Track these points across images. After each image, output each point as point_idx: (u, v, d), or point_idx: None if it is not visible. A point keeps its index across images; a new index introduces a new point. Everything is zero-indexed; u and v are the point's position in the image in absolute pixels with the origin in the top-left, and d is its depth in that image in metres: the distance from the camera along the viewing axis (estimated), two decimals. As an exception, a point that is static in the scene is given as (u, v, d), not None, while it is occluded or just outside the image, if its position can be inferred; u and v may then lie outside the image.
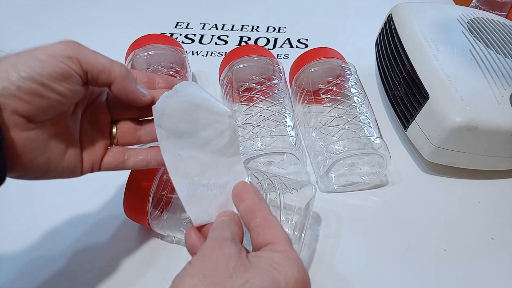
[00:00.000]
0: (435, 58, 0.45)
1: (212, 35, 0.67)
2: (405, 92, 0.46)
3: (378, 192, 0.44)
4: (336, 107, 0.45)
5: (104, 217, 0.40)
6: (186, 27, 0.68)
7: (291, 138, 0.41)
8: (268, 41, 0.66)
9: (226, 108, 0.28)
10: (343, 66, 0.47)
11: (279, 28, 0.69)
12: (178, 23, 0.69)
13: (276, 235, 0.25)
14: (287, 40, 0.66)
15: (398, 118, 0.48)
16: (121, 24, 0.68)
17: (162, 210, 0.36)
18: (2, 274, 0.36)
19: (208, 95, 0.28)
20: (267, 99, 0.45)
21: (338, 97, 0.46)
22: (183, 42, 0.65)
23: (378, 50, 0.56)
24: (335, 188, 0.43)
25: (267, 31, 0.68)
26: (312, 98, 0.46)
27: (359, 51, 0.56)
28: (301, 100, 0.47)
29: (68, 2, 0.74)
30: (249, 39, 0.67)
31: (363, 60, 0.54)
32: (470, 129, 0.39)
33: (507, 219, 0.42)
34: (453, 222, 0.41)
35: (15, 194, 0.42)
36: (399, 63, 0.48)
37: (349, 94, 0.46)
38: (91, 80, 0.26)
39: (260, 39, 0.67)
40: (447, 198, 0.44)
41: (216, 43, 0.65)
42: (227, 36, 0.67)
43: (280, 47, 0.65)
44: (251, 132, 0.42)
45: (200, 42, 0.65)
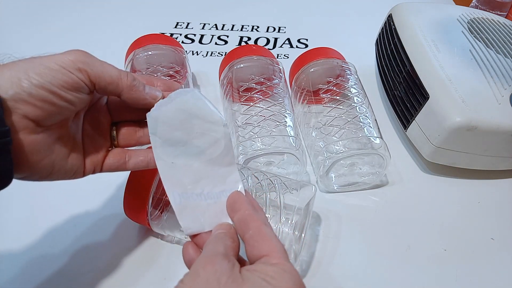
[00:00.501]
0: (435, 58, 0.45)
1: (212, 35, 0.67)
2: (405, 92, 0.46)
3: (378, 192, 0.44)
4: (336, 107, 0.45)
5: (104, 217, 0.40)
6: (186, 27, 0.68)
7: (291, 138, 0.41)
8: (268, 41, 0.66)
9: (222, 117, 0.28)
10: (343, 66, 0.47)
11: (279, 28, 0.69)
12: (178, 23, 0.69)
13: (270, 247, 0.25)
14: (287, 40, 0.66)
15: (398, 118, 0.48)
16: (121, 24, 0.68)
17: (162, 210, 0.36)
18: (2, 273, 0.36)
19: (204, 103, 0.28)
20: (267, 99, 0.45)
21: (338, 97, 0.46)
22: (183, 42, 0.65)
23: (378, 50, 0.56)
24: (335, 188, 0.43)
25: (267, 31, 0.68)
26: (312, 98, 0.46)
27: (359, 51, 0.56)
28: (301, 100, 0.47)
29: (68, 2, 0.74)
30: (249, 39, 0.67)
31: (363, 60, 0.54)
32: (470, 129, 0.39)
33: (507, 219, 0.42)
34: (453, 222, 0.41)
35: (15, 194, 0.42)
36: (399, 63, 0.48)
37: (349, 94, 0.46)
38: (99, 90, 0.27)
39: (260, 39, 0.67)
40: (447, 198, 0.44)
41: (216, 43, 0.65)
42: (227, 36, 0.67)
43: (280, 47, 0.65)
44: (251, 132, 0.42)
45: (200, 42, 0.65)
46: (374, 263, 0.38)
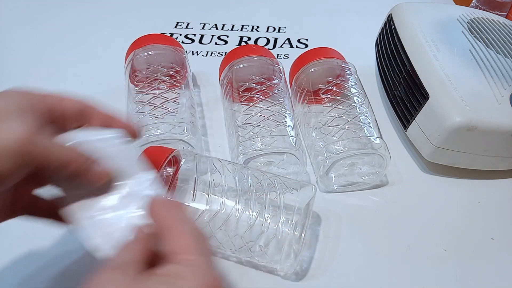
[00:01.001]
0: (435, 58, 0.45)
1: (212, 35, 0.67)
2: (405, 92, 0.46)
3: (378, 192, 0.44)
4: (336, 107, 0.45)
5: (104, 217, 0.40)
6: (186, 27, 0.68)
7: (291, 138, 0.41)
8: (268, 41, 0.66)
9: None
10: (343, 66, 0.47)
11: (279, 28, 0.69)
12: (178, 23, 0.69)
13: (182, 244, 0.24)
14: (287, 40, 0.66)
15: (398, 118, 0.48)
16: (121, 24, 0.68)
17: (162, 210, 0.36)
18: (2, 274, 0.36)
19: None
20: (267, 99, 0.45)
21: (338, 97, 0.46)
22: (183, 42, 0.65)
23: (378, 50, 0.56)
24: (335, 188, 0.43)
25: (267, 31, 0.68)
26: (312, 98, 0.46)
27: (359, 51, 0.56)
28: (301, 100, 0.47)
29: (68, 2, 0.74)
30: (249, 39, 0.67)
31: (363, 60, 0.54)
32: (470, 129, 0.39)
33: (507, 219, 0.42)
34: (453, 222, 0.41)
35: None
36: (399, 63, 0.48)
37: (349, 94, 0.46)
38: (42, 172, 0.24)
39: (260, 39, 0.67)
40: (447, 198, 0.44)
41: (216, 43, 0.65)
42: (227, 36, 0.67)
43: (280, 47, 0.65)
44: (251, 132, 0.42)
45: (200, 42, 0.65)
46: (374, 263, 0.38)
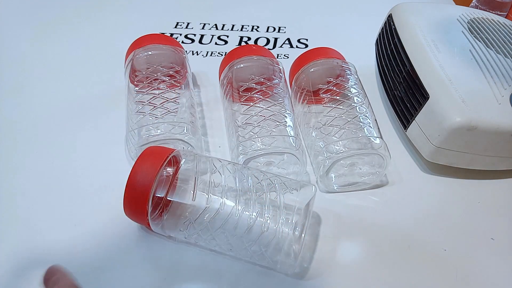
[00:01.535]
0: (435, 58, 0.45)
1: (212, 35, 0.67)
2: (405, 92, 0.46)
3: (378, 192, 0.44)
4: (336, 107, 0.45)
5: (104, 217, 0.40)
6: (186, 27, 0.68)
7: (291, 138, 0.41)
8: (268, 41, 0.66)
9: None
10: (343, 66, 0.47)
11: (279, 28, 0.69)
12: (178, 23, 0.69)
13: None
14: (287, 40, 0.66)
15: (398, 118, 0.48)
16: (121, 24, 0.68)
17: (162, 210, 0.36)
18: (2, 274, 0.36)
19: None
20: (267, 99, 0.46)
21: (338, 97, 0.46)
22: (183, 42, 0.65)
23: (378, 50, 0.56)
24: (335, 188, 0.43)
25: (267, 31, 0.68)
26: (312, 98, 0.46)
27: (359, 51, 0.56)
28: (301, 100, 0.47)
29: (68, 2, 0.74)
30: (249, 39, 0.67)
31: (363, 60, 0.54)
32: (470, 129, 0.39)
33: (507, 219, 0.42)
34: (453, 222, 0.41)
35: (15, 194, 0.42)
36: (399, 63, 0.48)
37: (349, 94, 0.46)
38: None
39: (260, 39, 0.67)
40: (447, 198, 0.44)
41: (216, 43, 0.65)
42: (227, 36, 0.67)
43: (280, 47, 0.65)
44: (251, 132, 0.42)
45: (200, 42, 0.65)
46: (374, 263, 0.38)
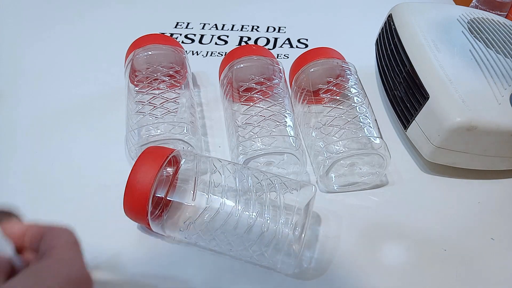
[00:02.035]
0: (435, 58, 0.45)
1: (212, 35, 0.67)
2: (405, 92, 0.46)
3: (378, 192, 0.44)
4: (336, 107, 0.45)
5: (104, 217, 0.40)
6: (186, 27, 0.68)
7: (291, 138, 0.41)
8: (268, 41, 0.66)
9: None
10: (343, 66, 0.47)
11: (279, 28, 0.69)
12: (178, 23, 0.69)
13: (52, 239, 0.23)
14: (287, 40, 0.66)
15: (398, 118, 0.48)
16: (121, 24, 0.68)
17: (162, 210, 0.36)
18: (2, 274, 0.36)
19: None
20: (267, 99, 0.46)
21: (338, 97, 0.46)
22: (183, 42, 0.65)
23: (378, 50, 0.56)
24: (335, 188, 0.43)
25: (267, 31, 0.68)
26: (312, 98, 0.46)
27: (359, 51, 0.56)
28: (301, 100, 0.47)
29: (68, 2, 0.74)
30: (249, 39, 0.67)
31: (363, 60, 0.54)
32: (470, 129, 0.39)
33: (507, 219, 0.42)
34: (453, 222, 0.41)
35: (15, 194, 0.42)
36: (399, 63, 0.48)
37: (349, 94, 0.46)
38: None
39: (260, 39, 0.67)
40: (447, 198, 0.44)
41: (216, 43, 0.65)
42: (227, 36, 0.67)
43: (280, 47, 0.65)
44: (251, 132, 0.42)
45: (200, 42, 0.65)
46: (374, 263, 0.38)
